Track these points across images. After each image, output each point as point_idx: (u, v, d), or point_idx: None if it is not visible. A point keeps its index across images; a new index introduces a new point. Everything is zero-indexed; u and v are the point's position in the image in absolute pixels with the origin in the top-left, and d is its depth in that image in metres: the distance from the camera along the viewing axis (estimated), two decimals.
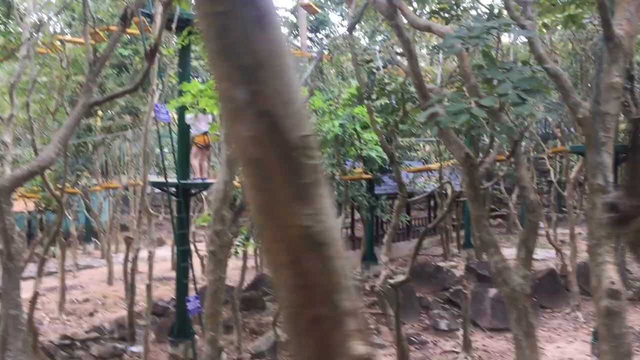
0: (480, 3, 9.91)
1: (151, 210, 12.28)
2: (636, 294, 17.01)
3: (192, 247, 15.08)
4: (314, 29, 21.45)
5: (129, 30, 14.56)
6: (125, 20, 7.52)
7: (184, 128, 13.38)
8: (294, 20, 22.39)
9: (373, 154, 13.19)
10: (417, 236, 30.38)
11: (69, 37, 14.16)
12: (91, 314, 18.78)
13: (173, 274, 25.10)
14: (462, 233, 29.09)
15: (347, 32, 9.48)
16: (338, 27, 22.74)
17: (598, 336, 10.85)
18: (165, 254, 27.28)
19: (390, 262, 24.14)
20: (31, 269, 16.58)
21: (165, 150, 16.80)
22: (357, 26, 23.73)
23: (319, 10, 17.13)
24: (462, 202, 29.40)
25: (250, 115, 1.27)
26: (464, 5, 8.49)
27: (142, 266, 18.62)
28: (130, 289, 14.54)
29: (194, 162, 13.47)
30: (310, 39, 21.02)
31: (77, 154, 14.74)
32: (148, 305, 11.88)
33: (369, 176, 15.45)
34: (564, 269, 18.41)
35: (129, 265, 14.71)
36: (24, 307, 7.83)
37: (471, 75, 4.35)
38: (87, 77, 8.16)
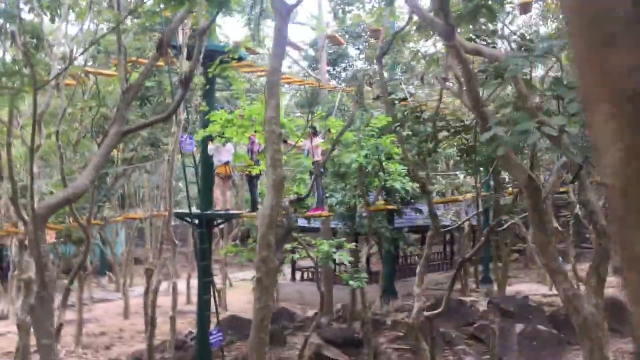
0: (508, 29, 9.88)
1: (175, 241, 12.15)
2: None
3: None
4: (333, 62, 21.65)
5: (140, 61, 14.70)
6: (161, 49, 7.55)
7: (207, 159, 13.36)
8: (312, 53, 22.60)
9: (398, 185, 13.05)
10: (434, 270, 30.22)
11: (93, 69, 14.23)
12: (108, 348, 18.56)
13: (188, 307, 25.00)
14: (479, 268, 28.78)
15: (377, 62, 9.46)
16: (356, 60, 22.90)
17: None
18: (179, 287, 27.07)
19: (406, 297, 23.81)
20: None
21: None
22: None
23: (344, 42, 17.27)
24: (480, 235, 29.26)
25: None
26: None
27: (160, 299, 18.44)
28: (150, 321, 14.34)
29: (217, 193, 13.41)
30: (328, 71, 21.19)
31: (98, 185, 14.71)
32: (171, 337, 11.68)
33: (393, 207, 15.32)
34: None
35: (149, 297, 14.50)
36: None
37: (528, 96, 4.27)
38: (119, 106, 8.14)
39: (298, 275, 27.88)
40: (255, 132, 10.25)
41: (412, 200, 15.73)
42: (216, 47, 13.01)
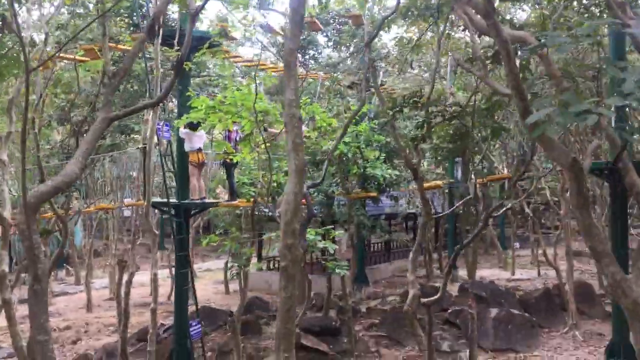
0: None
1: (155, 231, 11.79)
2: None
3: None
4: (302, 49, 21.43)
5: (121, 47, 14.22)
6: (151, 32, 7.25)
7: (182, 146, 13.04)
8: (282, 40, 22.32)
9: (379, 172, 13.03)
10: (397, 258, 30.39)
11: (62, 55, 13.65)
12: (74, 342, 18.00)
13: (164, 299, 24.51)
14: (444, 254, 29.19)
15: (365, 47, 9.33)
16: (325, 47, 22.74)
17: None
18: (142, 279, 26.53)
19: (375, 284, 23.87)
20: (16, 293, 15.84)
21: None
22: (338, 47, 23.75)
23: (321, 28, 17.03)
24: (444, 222, 29.63)
25: None
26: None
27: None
28: (124, 314, 13.93)
29: (193, 181, 13.11)
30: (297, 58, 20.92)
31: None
32: (152, 330, 11.35)
33: (373, 194, 15.28)
34: (555, 288, 18.49)
35: (122, 289, 14.07)
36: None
37: (562, 79, 4.23)
38: (106, 91, 7.81)
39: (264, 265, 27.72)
40: (241, 118, 10.00)
41: (388, 188, 15.73)
42: (196, 32, 12.67)
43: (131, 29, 17.09)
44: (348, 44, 22.40)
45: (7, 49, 6.87)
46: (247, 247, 13.15)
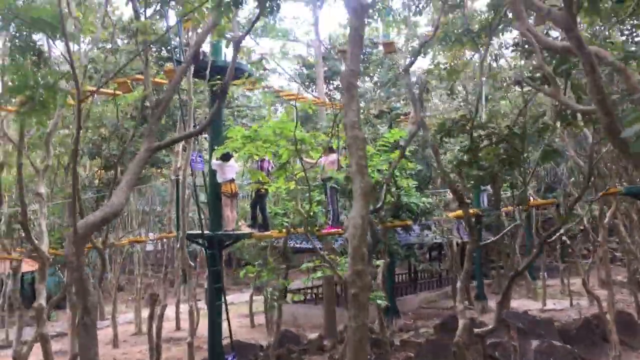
0: None
1: (191, 263, 11.61)
2: None
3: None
4: (327, 79, 21.45)
5: (154, 80, 14.27)
6: (196, 60, 7.22)
7: (214, 178, 12.94)
8: (305, 71, 22.42)
9: (414, 201, 12.81)
10: (423, 289, 29.89)
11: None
12: None
13: (179, 334, 24.25)
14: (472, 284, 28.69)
15: (404, 73, 9.24)
16: None
17: None
18: (167, 313, 26.27)
19: (403, 316, 23.37)
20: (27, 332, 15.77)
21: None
22: (367, 77, 23.79)
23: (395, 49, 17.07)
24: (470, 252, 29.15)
25: None
26: None
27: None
28: (156, 349, 13.72)
29: (227, 212, 12.98)
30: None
31: (96, 207, 14.13)
32: None
33: (408, 223, 15.04)
34: (595, 318, 17.92)
35: (154, 323, 13.89)
36: None
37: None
38: (150, 121, 7.78)
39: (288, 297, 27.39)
40: (278, 147, 9.89)
41: (420, 217, 15.48)
42: (223, 62, 12.70)
43: (160, 62, 17.23)
44: (372, 74, 22.40)
45: (52, 80, 6.83)
46: (282, 279, 12.92)
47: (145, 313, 26.35)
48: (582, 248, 37.45)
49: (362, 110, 16.10)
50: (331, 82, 22.04)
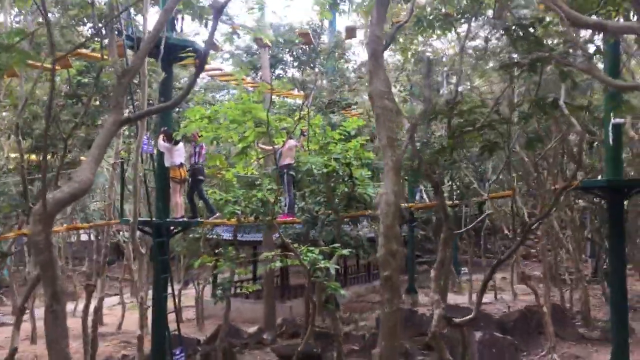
0: None
1: (142, 251, 10.80)
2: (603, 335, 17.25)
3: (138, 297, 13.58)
4: (271, 66, 20.93)
5: (90, 54, 13.30)
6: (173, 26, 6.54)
7: (163, 162, 12.17)
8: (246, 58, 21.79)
9: (370, 191, 12.56)
10: (352, 283, 30.02)
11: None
12: None
13: (103, 329, 22.99)
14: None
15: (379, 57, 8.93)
16: (290, 67, 22.34)
17: None
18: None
19: (342, 307, 23.26)
20: None
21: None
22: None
23: (313, 42, 16.65)
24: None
25: None
26: None
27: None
28: (92, 344, 12.79)
29: (175, 198, 12.26)
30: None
31: (23, 193, 12.94)
32: (140, 359, 10.35)
33: (366, 213, 14.74)
34: (529, 311, 18.43)
35: (89, 316, 12.95)
36: None
37: None
38: (116, 92, 7.06)
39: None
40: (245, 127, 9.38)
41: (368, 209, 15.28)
42: (177, 41, 11.98)
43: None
44: (312, 65, 22.09)
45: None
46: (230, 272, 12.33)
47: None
48: (501, 245, 38.78)
49: (315, 99, 15.76)
50: (273, 70, 21.54)
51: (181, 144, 12.45)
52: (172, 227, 12.19)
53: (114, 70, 7.46)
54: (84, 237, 38.38)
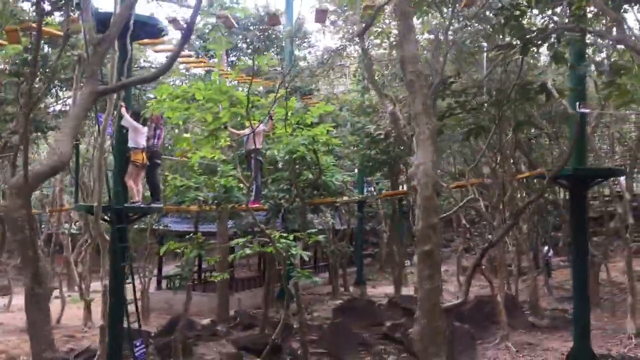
0: None
1: (106, 237, 10.07)
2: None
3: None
4: (225, 53, 20.39)
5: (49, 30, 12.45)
6: None
7: (122, 142, 11.46)
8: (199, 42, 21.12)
9: (339, 178, 12.31)
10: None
11: None
12: None
13: (53, 323, 21.79)
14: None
15: (359, 39, 8.71)
16: (245, 53, 21.84)
17: None
18: (19, 302, 23.60)
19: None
20: None
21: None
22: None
23: (281, 23, 16.14)
24: (351, 238, 29.47)
25: None
26: None
27: None
28: None
29: (131, 183, 11.54)
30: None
31: None
32: (102, 352, 9.72)
33: (332, 200, 14.46)
34: (481, 300, 18.67)
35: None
36: None
37: None
38: (91, 61, 6.53)
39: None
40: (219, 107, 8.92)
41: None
42: (141, 17, 11.34)
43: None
44: (265, 52, 21.66)
45: None
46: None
47: None
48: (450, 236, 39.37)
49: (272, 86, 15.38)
50: (228, 55, 21.00)
51: (145, 127, 11.77)
52: (130, 214, 11.55)
53: (90, 40, 6.83)
54: None
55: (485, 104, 7.38)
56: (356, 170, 23.32)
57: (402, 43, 4.21)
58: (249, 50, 22.09)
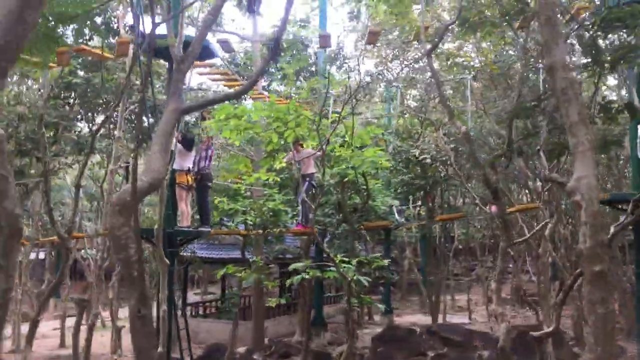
0: None
1: (167, 261, 9.65)
2: None
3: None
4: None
5: (93, 51, 12.35)
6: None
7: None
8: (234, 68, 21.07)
9: (390, 202, 12.01)
10: (325, 303, 29.28)
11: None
12: None
13: (62, 351, 21.37)
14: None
15: (427, 58, 8.50)
16: (275, 78, 21.72)
17: None
18: (42, 330, 23.18)
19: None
20: None
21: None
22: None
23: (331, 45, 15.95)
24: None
25: None
26: None
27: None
28: None
29: (182, 206, 11.34)
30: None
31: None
32: None
33: (387, 224, 14.12)
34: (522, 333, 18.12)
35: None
36: None
37: None
38: (176, 78, 6.39)
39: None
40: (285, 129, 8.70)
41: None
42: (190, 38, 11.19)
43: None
44: (303, 78, 21.53)
45: None
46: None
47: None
48: (467, 265, 38.85)
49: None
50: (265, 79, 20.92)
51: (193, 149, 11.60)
52: (180, 237, 11.29)
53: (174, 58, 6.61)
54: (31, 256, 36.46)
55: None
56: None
57: (550, 49, 3.95)
58: (279, 76, 21.92)
